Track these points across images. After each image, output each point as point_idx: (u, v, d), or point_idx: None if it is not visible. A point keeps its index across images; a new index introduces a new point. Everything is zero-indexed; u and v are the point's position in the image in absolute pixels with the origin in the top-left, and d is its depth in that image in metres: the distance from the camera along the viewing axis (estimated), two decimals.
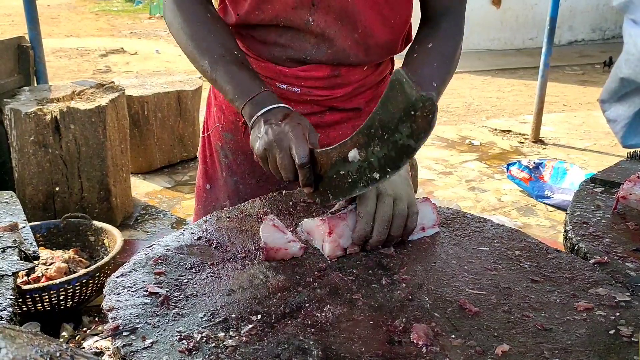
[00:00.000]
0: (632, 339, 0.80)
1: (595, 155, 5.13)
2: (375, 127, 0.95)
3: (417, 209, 1.09)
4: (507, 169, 4.44)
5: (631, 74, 0.74)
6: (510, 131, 5.84)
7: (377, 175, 0.96)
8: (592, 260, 1.05)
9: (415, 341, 0.80)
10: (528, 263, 1.03)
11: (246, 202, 1.26)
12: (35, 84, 3.83)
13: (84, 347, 2.26)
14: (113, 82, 3.83)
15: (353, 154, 0.99)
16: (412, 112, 0.88)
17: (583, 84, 8.13)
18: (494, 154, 5.20)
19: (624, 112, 0.79)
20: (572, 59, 9.78)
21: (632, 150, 1.63)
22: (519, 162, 4.44)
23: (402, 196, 1.07)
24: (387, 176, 0.95)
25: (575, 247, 1.13)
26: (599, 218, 1.24)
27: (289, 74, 1.32)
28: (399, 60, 1.40)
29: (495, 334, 0.82)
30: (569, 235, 1.17)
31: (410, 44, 1.36)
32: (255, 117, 1.14)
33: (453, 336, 0.82)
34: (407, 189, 1.09)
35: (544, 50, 5.21)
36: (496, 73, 8.73)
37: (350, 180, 1.01)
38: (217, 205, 1.49)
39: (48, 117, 3.11)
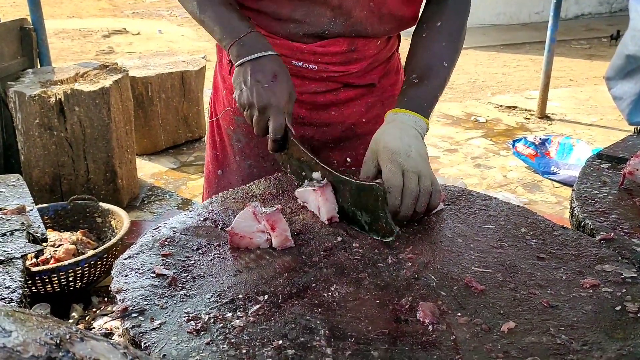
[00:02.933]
0: (638, 315, 0.81)
1: (602, 131, 5.09)
2: (343, 190, 1.10)
3: (440, 187, 1.12)
4: (513, 145, 4.42)
5: (637, 50, 0.73)
6: (516, 107, 5.79)
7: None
8: (599, 237, 1.05)
9: (421, 319, 0.80)
10: (534, 240, 1.03)
11: (252, 183, 1.26)
12: (39, 66, 3.82)
13: (94, 327, 2.29)
14: (116, 64, 3.82)
15: (316, 176, 1.16)
16: (376, 219, 1.04)
17: (590, 58, 8.03)
18: (500, 130, 5.17)
19: (630, 89, 0.78)
20: (579, 33, 9.65)
21: (639, 125, 1.61)
22: (525, 138, 4.41)
23: (426, 173, 1.09)
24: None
25: (582, 224, 1.13)
26: (606, 194, 1.23)
27: (306, 50, 1.31)
28: (405, 40, 1.39)
29: (501, 312, 0.83)
30: (575, 211, 1.17)
31: (418, 22, 1.36)
32: (244, 59, 1.18)
33: (459, 314, 0.82)
34: (428, 167, 1.11)
35: (550, 24, 5.14)
36: (502, 48, 8.64)
37: (304, 182, 1.19)
38: None
39: (52, 99, 3.11)
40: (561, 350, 0.74)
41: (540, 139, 4.34)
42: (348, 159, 1.43)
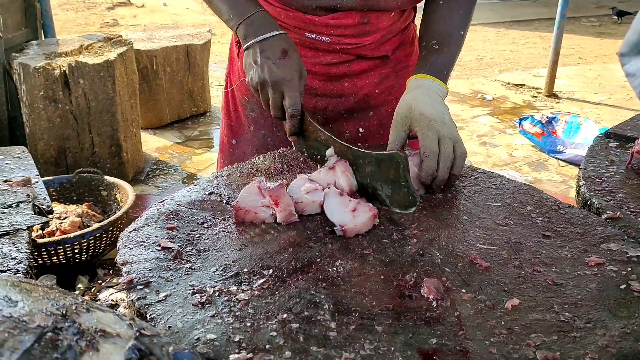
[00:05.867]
0: None
1: (609, 110, 5.05)
2: (363, 164, 1.09)
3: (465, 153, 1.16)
4: (520, 123, 4.39)
5: None
6: (523, 85, 5.74)
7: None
8: (605, 216, 1.04)
9: (425, 295, 0.81)
10: (540, 218, 1.03)
11: (257, 157, 1.26)
12: (43, 38, 3.80)
13: (99, 299, 2.31)
14: (121, 36, 3.79)
15: (330, 152, 1.14)
16: (397, 189, 1.04)
17: (599, 35, 7.93)
18: (506, 108, 5.13)
19: None
20: (589, 10, 9.51)
21: None
22: (532, 116, 4.38)
23: (459, 140, 1.13)
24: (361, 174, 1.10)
25: (588, 203, 1.12)
26: (613, 173, 1.22)
27: (319, 22, 1.30)
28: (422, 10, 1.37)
29: (506, 289, 0.83)
30: (582, 190, 1.16)
31: None
32: (252, 41, 1.17)
33: (463, 290, 0.82)
34: (458, 134, 1.15)
35: (560, 0, 5.06)
36: (510, 25, 8.52)
37: (320, 161, 1.17)
38: (245, 160, 1.50)
39: (57, 71, 3.09)
40: (565, 328, 0.74)
41: (547, 117, 4.30)
42: (361, 130, 1.44)
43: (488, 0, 9.73)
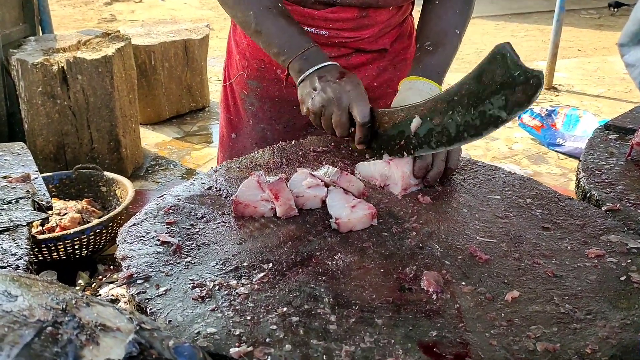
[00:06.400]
0: None
1: (608, 102, 5.04)
2: (461, 95, 0.97)
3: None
4: (519, 116, 4.38)
5: None
6: None
7: (446, 139, 1.02)
8: (605, 208, 1.04)
9: (425, 288, 0.81)
10: (539, 211, 1.03)
11: (255, 152, 1.26)
12: (41, 34, 3.78)
13: (100, 295, 2.31)
14: (119, 31, 3.77)
15: (416, 123, 1.04)
16: (513, 86, 0.90)
17: (599, 28, 7.90)
18: None
19: None
20: (588, 2, 9.47)
21: None
22: (531, 109, 4.36)
23: None
24: (462, 142, 1.00)
25: (588, 195, 1.12)
26: (612, 165, 1.22)
27: (318, 16, 1.30)
28: (419, 3, 1.37)
29: (506, 281, 0.83)
30: (582, 182, 1.16)
31: None
32: (307, 72, 1.16)
33: (463, 283, 0.82)
34: None
35: None
36: (510, 18, 8.50)
37: (415, 141, 1.06)
38: (245, 153, 1.50)
39: (55, 67, 3.09)
40: (565, 319, 0.74)
41: (546, 110, 4.30)
42: None
43: None
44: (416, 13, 1.41)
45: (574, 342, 0.70)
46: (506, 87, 0.92)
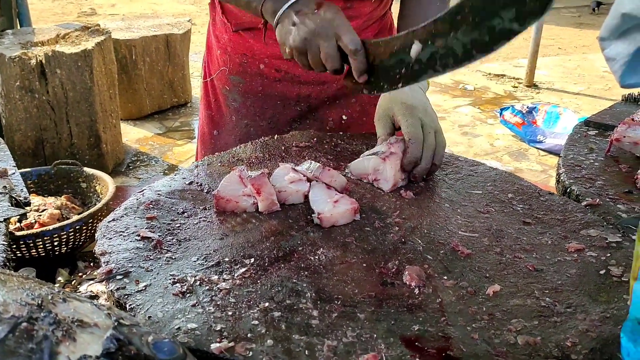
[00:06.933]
0: (622, 279, 0.81)
1: (588, 100, 5.10)
2: (464, 14, 0.88)
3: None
4: (500, 113, 4.42)
5: (634, 9, 0.71)
6: (504, 75, 5.78)
7: (453, 61, 0.90)
8: (584, 203, 1.05)
9: (407, 283, 0.81)
10: (520, 206, 1.03)
11: (238, 147, 1.25)
12: (19, 27, 3.72)
13: (80, 292, 2.28)
14: (98, 25, 3.72)
15: (417, 48, 0.93)
16: None
17: (579, 26, 8.00)
18: (488, 98, 5.16)
19: (623, 49, 0.76)
20: (569, 1, 9.58)
21: (627, 92, 1.61)
22: (513, 106, 4.41)
23: (440, 129, 1.14)
24: (471, 60, 0.89)
25: (568, 190, 1.13)
26: (592, 161, 1.24)
27: None
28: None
29: (487, 275, 0.83)
30: (562, 177, 1.17)
31: None
32: (281, 11, 1.06)
33: (445, 277, 0.82)
34: (439, 124, 1.16)
35: None
36: None
37: (417, 68, 0.94)
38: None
39: (33, 61, 3.04)
40: (545, 313, 0.75)
41: (527, 107, 4.34)
42: (344, 117, 1.43)
43: None
44: (394, 8, 1.41)
45: (555, 335, 0.71)
46: None
